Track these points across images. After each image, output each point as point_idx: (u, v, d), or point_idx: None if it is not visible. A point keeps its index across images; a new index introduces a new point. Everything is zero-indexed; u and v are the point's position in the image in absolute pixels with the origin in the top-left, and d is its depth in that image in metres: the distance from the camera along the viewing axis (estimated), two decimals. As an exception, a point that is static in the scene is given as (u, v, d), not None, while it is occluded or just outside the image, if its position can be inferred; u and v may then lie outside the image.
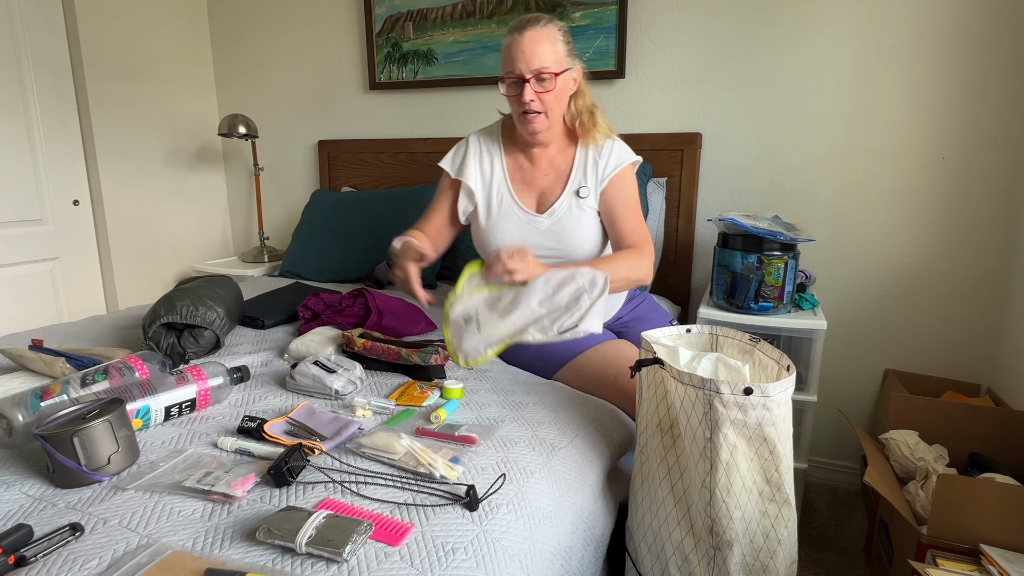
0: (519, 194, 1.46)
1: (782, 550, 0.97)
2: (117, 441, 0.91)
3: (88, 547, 0.75)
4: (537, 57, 1.28)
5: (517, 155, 1.48)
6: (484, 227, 1.46)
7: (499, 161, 1.47)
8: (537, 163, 1.46)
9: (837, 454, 2.12)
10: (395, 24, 2.44)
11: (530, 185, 1.46)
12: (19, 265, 2.27)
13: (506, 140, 1.49)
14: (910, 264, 1.92)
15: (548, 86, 1.31)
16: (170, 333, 1.38)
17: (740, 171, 2.07)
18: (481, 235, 1.48)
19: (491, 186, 1.46)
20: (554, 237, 1.42)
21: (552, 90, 1.32)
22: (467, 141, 1.50)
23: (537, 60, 1.29)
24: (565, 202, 1.42)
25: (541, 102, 1.33)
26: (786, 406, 0.94)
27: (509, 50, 1.31)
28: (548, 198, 1.45)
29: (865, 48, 1.86)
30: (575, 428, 1.15)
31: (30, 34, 2.22)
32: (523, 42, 1.29)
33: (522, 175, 1.47)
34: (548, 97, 1.33)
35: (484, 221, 1.46)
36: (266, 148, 2.84)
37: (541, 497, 0.93)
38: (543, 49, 1.29)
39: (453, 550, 0.77)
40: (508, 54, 1.32)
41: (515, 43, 1.30)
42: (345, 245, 2.27)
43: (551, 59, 1.30)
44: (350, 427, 1.04)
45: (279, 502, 0.85)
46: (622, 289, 1.33)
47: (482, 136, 1.50)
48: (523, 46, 1.29)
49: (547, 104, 1.33)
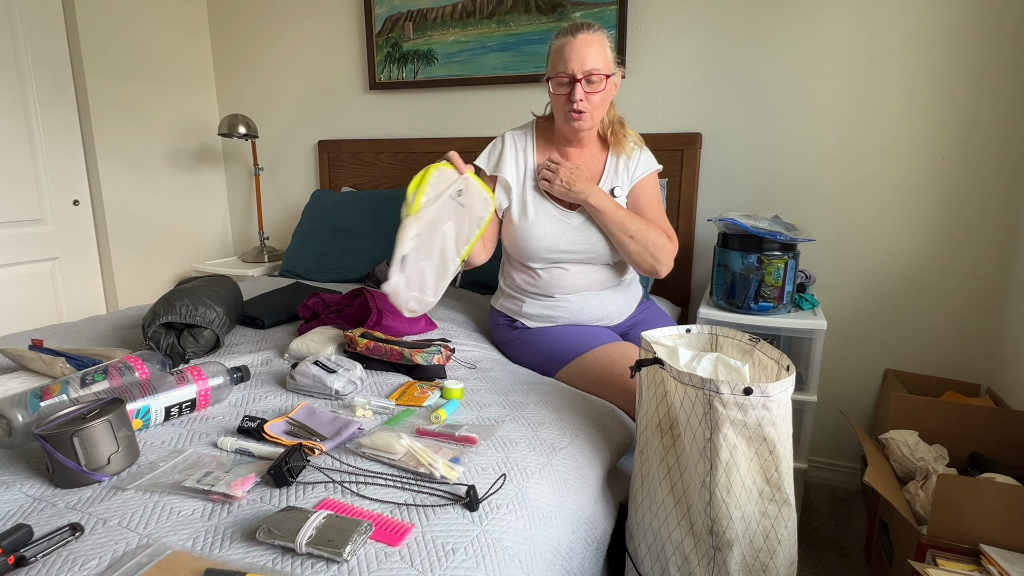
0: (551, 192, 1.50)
1: (782, 550, 0.97)
2: (117, 441, 0.91)
3: (88, 547, 0.75)
4: (590, 59, 1.34)
5: (551, 153, 1.51)
6: (517, 222, 1.48)
7: (532, 159, 1.52)
8: (573, 160, 1.50)
9: (837, 454, 2.12)
10: (395, 24, 2.44)
11: None
12: (19, 265, 2.27)
13: (540, 139, 1.53)
14: (910, 264, 1.92)
15: (597, 87, 1.37)
16: (170, 333, 1.38)
17: (740, 171, 2.07)
18: (513, 230, 1.49)
19: (525, 182, 1.50)
20: (584, 233, 1.46)
21: (601, 91, 1.38)
22: (502, 139, 1.54)
23: (590, 62, 1.34)
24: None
25: (589, 102, 1.37)
26: (786, 406, 0.94)
27: (562, 51, 1.36)
28: None
29: (865, 48, 1.86)
30: (575, 428, 1.15)
31: (30, 34, 2.22)
32: (577, 44, 1.34)
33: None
34: (596, 98, 1.38)
35: (517, 217, 1.49)
36: (266, 148, 2.84)
37: (541, 497, 0.93)
38: (595, 52, 1.34)
39: (453, 550, 0.77)
40: (560, 55, 1.36)
41: (569, 44, 1.35)
42: (345, 245, 2.27)
43: (602, 62, 1.35)
44: (350, 427, 1.04)
45: (279, 502, 0.85)
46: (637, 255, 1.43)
47: (516, 135, 1.54)
48: (577, 47, 1.34)
49: (594, 104, 1.38)
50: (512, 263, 1.57)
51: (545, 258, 1.49)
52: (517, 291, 1.57)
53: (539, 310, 1.53)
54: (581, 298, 1.52)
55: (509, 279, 1.59)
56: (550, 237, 1.46)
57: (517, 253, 1.52)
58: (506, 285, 1.61)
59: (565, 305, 1.52)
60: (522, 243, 1.48)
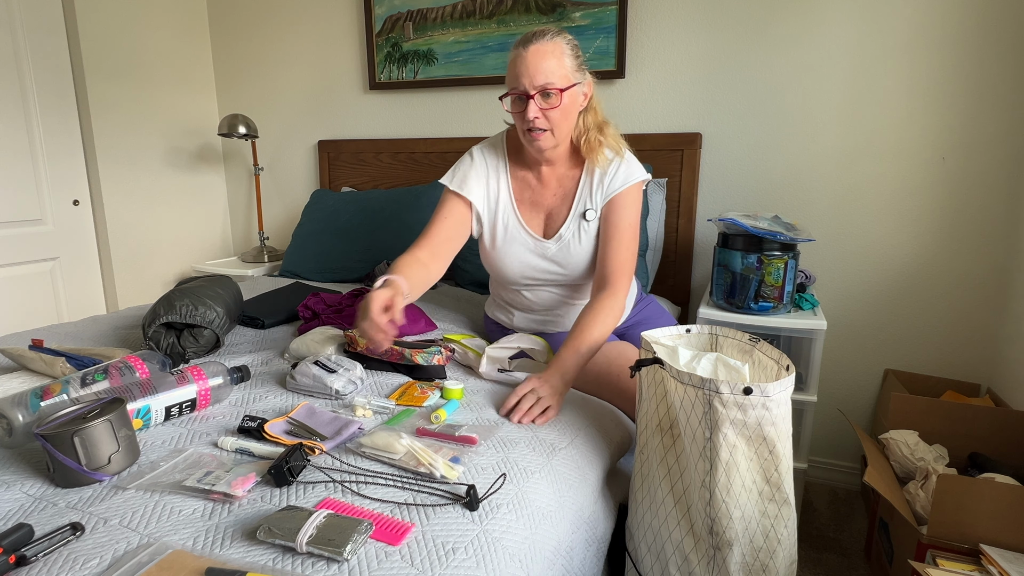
0: (526, 216, 1.43)
1: (782, 550, 0.97)
2: (117, 441, 0.91)
3: (89, 546, 0.75)
4: (542, 72, 1.23)
5: (524, 173, 1.43)
6: (490, 250, 1.45)
7: (505, 180, 1.43)
8: (546, 182, 1.42)
9: (837, 454, 2.12)
10: (395, 24, 2.44)
11: (537, 205, 1.43)
12: (19, 265, 2.27)
13: (512, 156, 1.44)
14: (910, 264, 1.92)
15: (553, 102, 1.25)
16: (170, 333, 1.38)
17: (740, 171, 2.07)
18: (488, 257, 1.47)
19: (496, 208, 1.42)
20: (559, 261, 1.41)
21: (558, 106, 1.26)
22: (471, 158, 1.43)
23: (542, 75, 1.23)
24: (571, 226, 1.39)
25: (547, 119, 1.27)
26: (786, 406, 0.95)
27: (514, 65, 1.26)
28: (555, 220, 1.42)
29: (865, 48, 1.86)
30: (575, 429, 1.15)
31: (30, 34, 2.22)
32: (527, 56, 1.24)
33: (530, 194, 1.43)
34: (554, 114, 1.27)
35: (490, 244, 1.44)
36: (266, 148, 2.84)
37: (541, 497, 0.93)
38: (549, 64, 1.23)
39: (453, 550, 0.77)
40: (512, 69, 1.27)
41: (519, 57, 1.25)
42: (345, 245, 2.27)
43: (557, 74, 1.24)
44: (350, 427, 1.04)
45: (279, 502, 0.85)
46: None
47: (486, 152, 1.44)
48: (528, 60, 1.24)
49: (553, 121, 1.28)
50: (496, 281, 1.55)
51: (523, 283, 1.46)
52: (506, 303, 1.56)
53: (529, 324, 1.53)
54: (567, 308, 1.50)
55: (496, 294, 1.58)
56: (527, 265, 1.42)
57: (494, 275, 1.50)
58: (495, 297, 1.60)
59: (555, 319, 1.51)
60: (498, 269, 1.45)
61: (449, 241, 1.39)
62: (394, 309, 1.12)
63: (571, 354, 1.23)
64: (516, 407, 1.15)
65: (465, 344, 1.42)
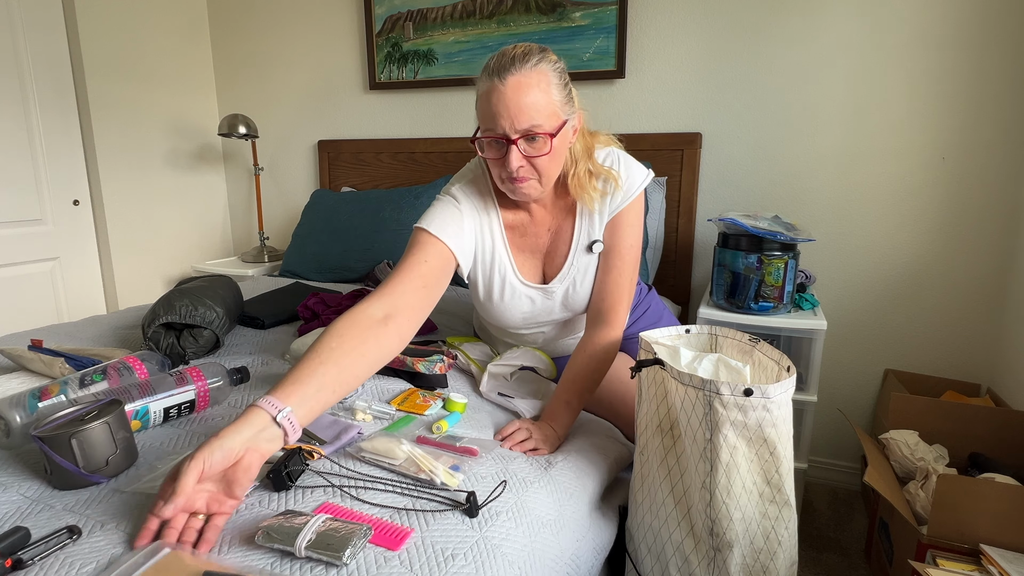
0: (527, 267, 1.24)
1: (782, 551, 0.97)
2: (115, 443, 0.90)
3: (85, 550, 0.74)
4: (525, 112, 0.99)
5: (515, 211, 1.22)
6: (485, 302, 1.27)
7: (497, 225, 1.20)
8: (538, 220, 1.23)
9: (837, 454, 2.12)
10: (395, 24, 2.44)
11: (533, 249, 1.25)
12: (19, 265, 2.27)
13: (500, 195, 1.21)
14: (910, 264, 1.92)
15: (541, 147, 1.02)
16: (169, 333, 1.38)
17: (740, 171, 2.07)
18: (482, 308, 1.30)
19: (492, 264, 1.22)
20: (565, 303, 1.26)
21: (547, 153, 1.03)
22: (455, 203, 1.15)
23: (526, 117, 0.99)
24: (576, 264, 1.22)
25: (534, 167, 1.05)
26: (786, 407, 0.94)
27: (488, 101, 1.01)
28: (555, 259, 1.24)
29: (865, 48, 1.86)
30: (571, 446, 1.15)
31: (30, 34, 2.21)
32: (506, 92, 0.98)
33: (523, 239, 1.24)
34: (541, 161, 1.04)
35: (485, 297, 1.26)
36: (266, 148, 2.84)
37: (541, 505, 0.93)
38: (533, 99, 0.99)
39: (453, 556, 0.76)
40: (487, 106, 1.01)
41: (495, 92, 0.99)
42: (345, 245, 2.27)
43: (544, 112, 1.00)
44: (350, 431, 1.03)
45: (278, 506, 0.84)
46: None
47: (471, 195, 1.19)
48: (507, 97, 0.98)
49: (540, 168, 1.06)
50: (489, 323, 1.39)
51: (523, 327, 1.32)
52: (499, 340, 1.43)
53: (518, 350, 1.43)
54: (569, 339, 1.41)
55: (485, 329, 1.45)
56: (529, 315, 1.27)
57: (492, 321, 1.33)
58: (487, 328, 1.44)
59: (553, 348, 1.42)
60: (498, 319, 1.29)
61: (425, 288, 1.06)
62: (234, 481, 0.76)
63: (562, 408, 1.15)
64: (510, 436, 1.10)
65: (467, 353, 1.40)
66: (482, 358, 1.40)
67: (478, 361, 1.38)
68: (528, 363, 1.34)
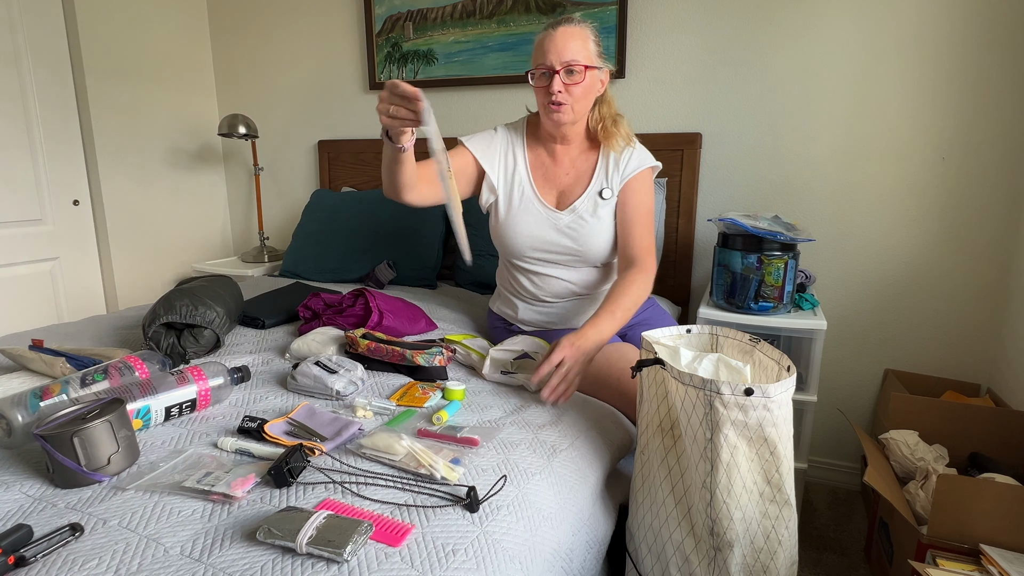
0: (540, 189, 1.48)
1: (782, 551, 0.97)
2: (117, 441, 0.90)
3: (88, 547, 0.75)
4: (569, 50, 1.32)
5: (539, 151, 1.51)
6: (503, 219, 1.49)
7: (522, 155, 1.50)
8: (559, 161, 1.49)
9: (837, 454, 2.12)
10: (395, 24, 2.44)
11: (551, 181, 1.49)
12: (19, 265, 2.27)
13: (529, 136, 1.52)
14: (910, 264, 1.92)
15: (576, 78, 1.34)
16: (170, 333, 1.38)
17: (740, 171, 2.07)
18: (499, 227, 1.50)
19: (513, 179, 1.49)
20: (572, 235, 1.45)
21: (580, 83, 1.35)
22: (494, 131, 1.53)
23: (569, 53, 1.32)
24: (586, 202, 1.45)
25: (569, 94, 1.35)
26: (787, 407, 0.94)
27: (542, 43, 1.36)
28: (568, 196, 1.47)
29: (865, 48, 1.86)
30: (576, 431, 1.15)
31: (30, 34, 2.21)
32: (556, 36, 1.34)
33: (544, 171, 1.49)
34: (576, 90, 1.35)
35: (504, 212, 1.49)
36: (266, 148, 2.84)
37: (542, 499, 0.93)
38: (575, 44, 1.33)
39: (454, 551, 0.77)
40: (540, 47, 1.36)
41: (548, 37, 1.35)
42: (345, 245, 2.27)
43: (582, 54, 1.33)
44: (350, 428, 1.03)
45: (279, 502, 0.84)
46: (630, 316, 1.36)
47: (509, 130, 1.53)
48: (556, 39, 1.33)
49: (574, 96, 1.36)
50: (506, 264, 1.57)
51: (531, 256, 1.49)
52: (512, 293, 1.57)
53: (533, 316, 1.54)
54: (574, 303, 1.52)
55: (504, 281, 1.60)
56: (534, 235, 1.46)
57: (503, 250, 1.53)
58: (502, 287, 1.62)
59: (559, 312, 1.52)
60: (506, 239, 1.49)
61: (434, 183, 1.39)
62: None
63: (607, 316, 1.29)
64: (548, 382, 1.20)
65: (467, 345, 1.42)
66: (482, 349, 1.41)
67: (478, 350, 1.40)
68: (529, 348, 1.36)
